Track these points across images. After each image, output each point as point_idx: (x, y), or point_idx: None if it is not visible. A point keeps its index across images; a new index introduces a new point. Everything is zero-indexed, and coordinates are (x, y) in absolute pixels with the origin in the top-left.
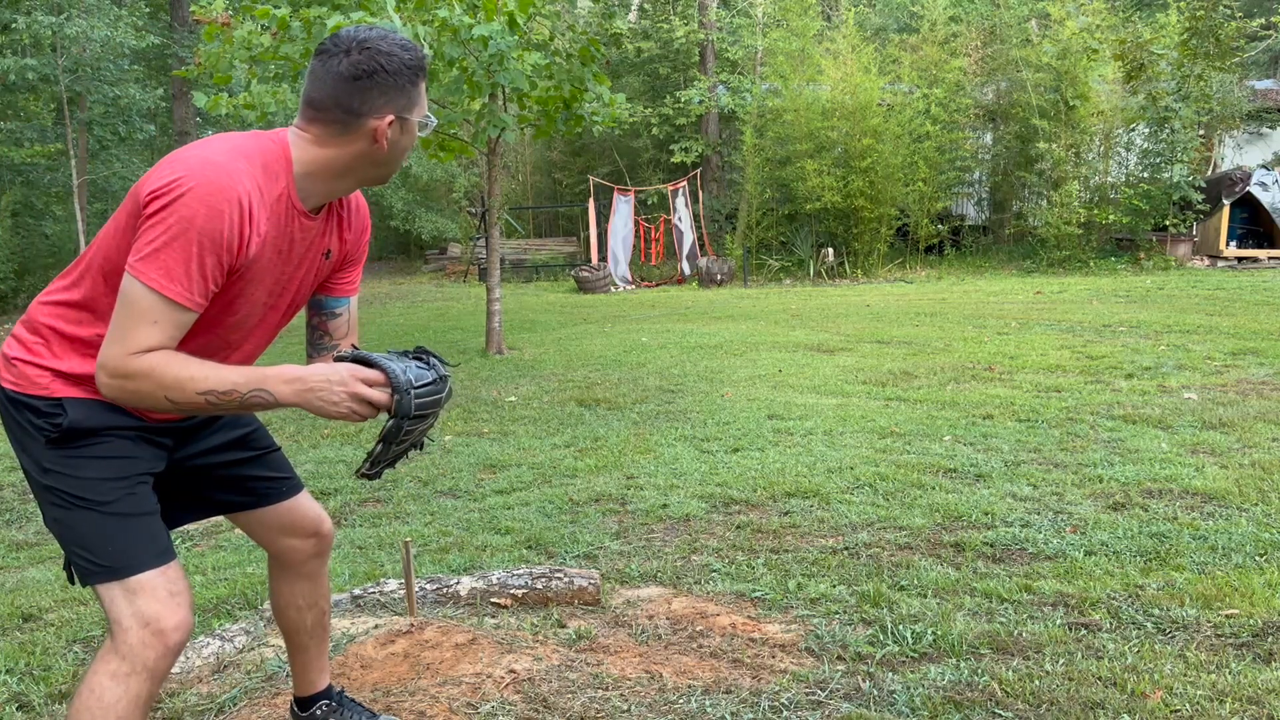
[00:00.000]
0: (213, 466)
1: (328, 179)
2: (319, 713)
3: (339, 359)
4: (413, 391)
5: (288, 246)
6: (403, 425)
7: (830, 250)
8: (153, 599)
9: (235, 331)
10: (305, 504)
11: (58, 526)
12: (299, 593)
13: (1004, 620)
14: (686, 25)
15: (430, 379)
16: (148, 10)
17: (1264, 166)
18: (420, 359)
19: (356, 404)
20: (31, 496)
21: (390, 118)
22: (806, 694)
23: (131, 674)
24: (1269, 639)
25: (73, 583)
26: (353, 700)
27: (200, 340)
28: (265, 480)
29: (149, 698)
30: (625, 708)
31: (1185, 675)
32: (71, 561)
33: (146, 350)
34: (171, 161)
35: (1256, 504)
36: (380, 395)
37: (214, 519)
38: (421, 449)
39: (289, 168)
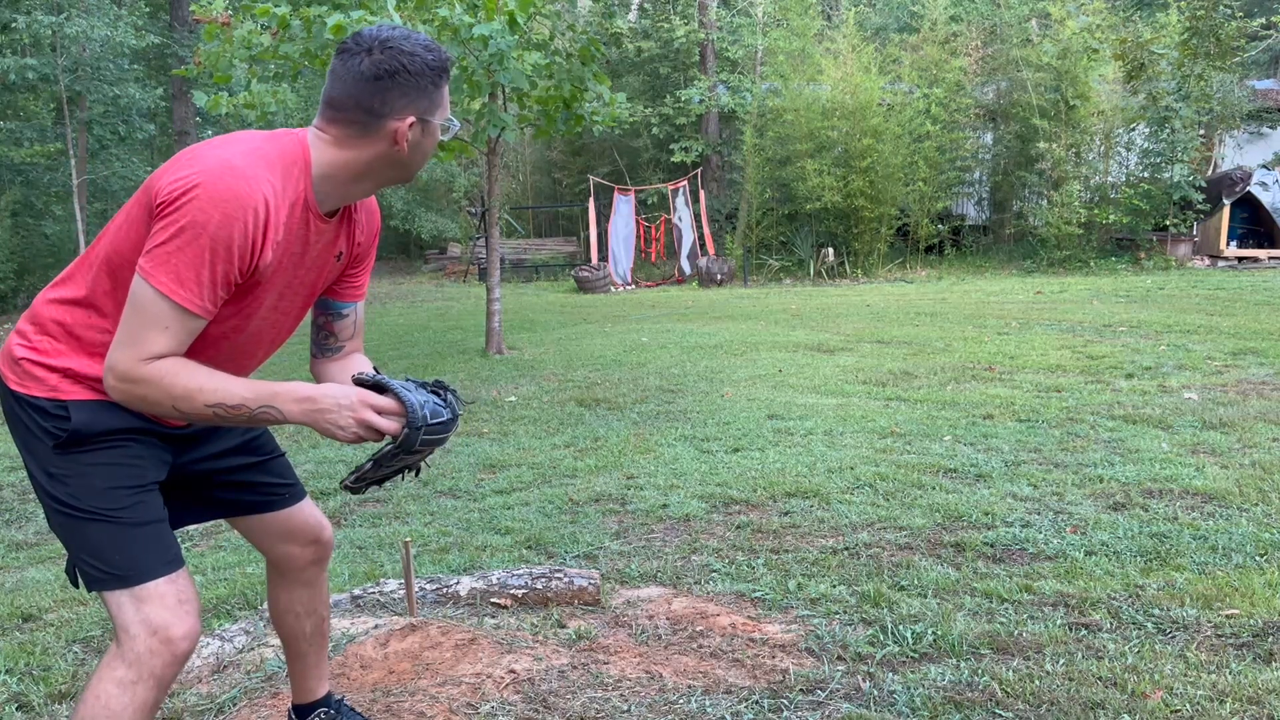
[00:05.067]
0: (216, 471)
1: (346, 182)
2: None
3: (358, 382)
4: (424, 429)
5: (301, 250)
6: (399, 455)
7: (830, 250)
8: (161, 606)
9: (249, 340)
10: (306, 511)
11: (64, 532)
12: (297, 599)
13: (1004, 620)
14: (686, 25)
15: (444, 418)
16: (148, 10)
17: (1264, 166)
18: (438, 394)
19: (364, 430)
20: (32, 496)
21: (411, 119)
22: (806, 694)
23: (138, 681)
24: (1269, 639)
25: (76, 586)
26: (351, 708)
27: (214, 352)
28: (268, 487)
29: (155, 705)
30: (625, 708)
31: (1185, 675)
32: (77, 567)
33: (157, 356)
34: (190, 160)
35: (1257, 504)
36: (390, 425)
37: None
38: (418, 474)
39: (308, 170)
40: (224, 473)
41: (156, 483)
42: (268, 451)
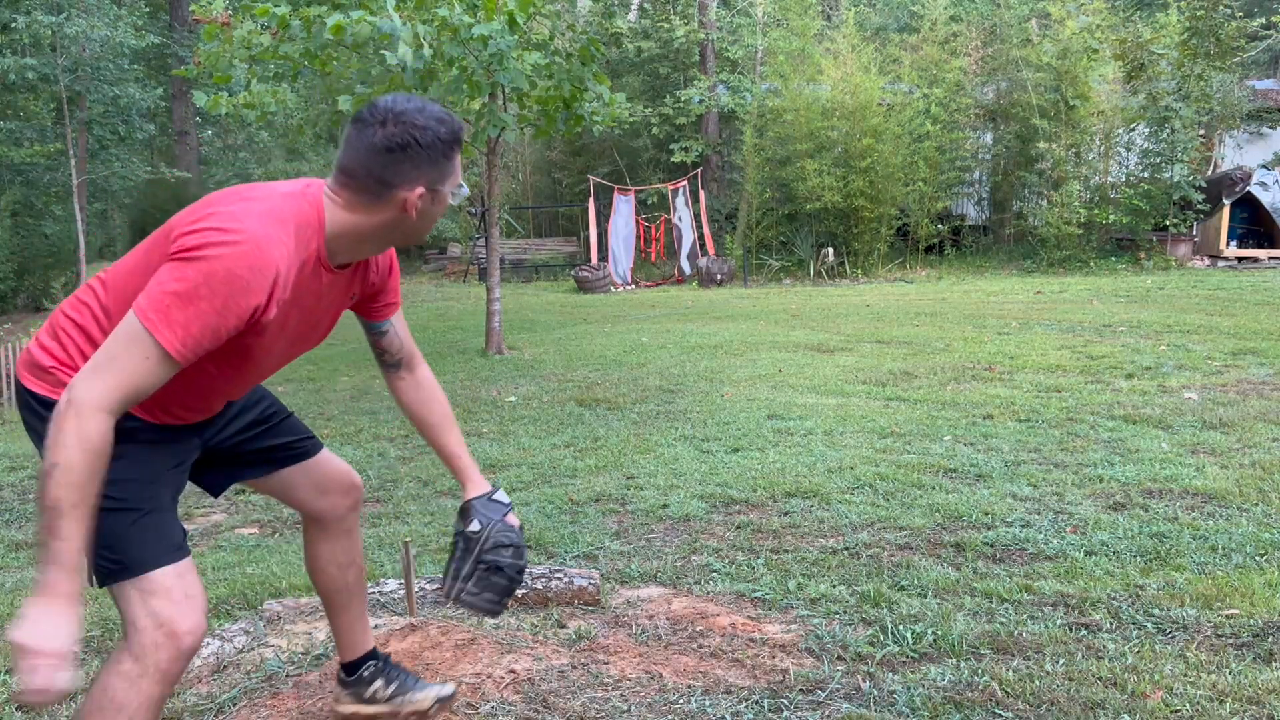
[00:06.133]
0: (240, 443)
1: (355, 242)
2: (366, 674)
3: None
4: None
5: (313, 302)
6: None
7: (830, 250)
8: (168, 600)
9: (257, 366)
10: (332, 459)
11: None
12: (339, 550)
13: (1004, 620)
14: (686, 25)
15: (508, 542)
16: (147, 10)
17: (1264, 166)
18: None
19: (27, 683)
20: (32, 496)
21: (421, 190)
22: (806, 694)
23: (144, 675)
24: (1269, 639)
25: (91, 584)
26: (398, 664)
27: (219, 374)
28: (291, 442)
29: (160, 700)
30: (625, 708)
31: (1185, 675)
32: (92, 562)
33: (118, 403)
34: (213, 212)
35: (1257, 504)
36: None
37: (214, 519)
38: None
39: (321, 229)
40: (248, 442)
41: (169, 470)
42: (280, 414)
